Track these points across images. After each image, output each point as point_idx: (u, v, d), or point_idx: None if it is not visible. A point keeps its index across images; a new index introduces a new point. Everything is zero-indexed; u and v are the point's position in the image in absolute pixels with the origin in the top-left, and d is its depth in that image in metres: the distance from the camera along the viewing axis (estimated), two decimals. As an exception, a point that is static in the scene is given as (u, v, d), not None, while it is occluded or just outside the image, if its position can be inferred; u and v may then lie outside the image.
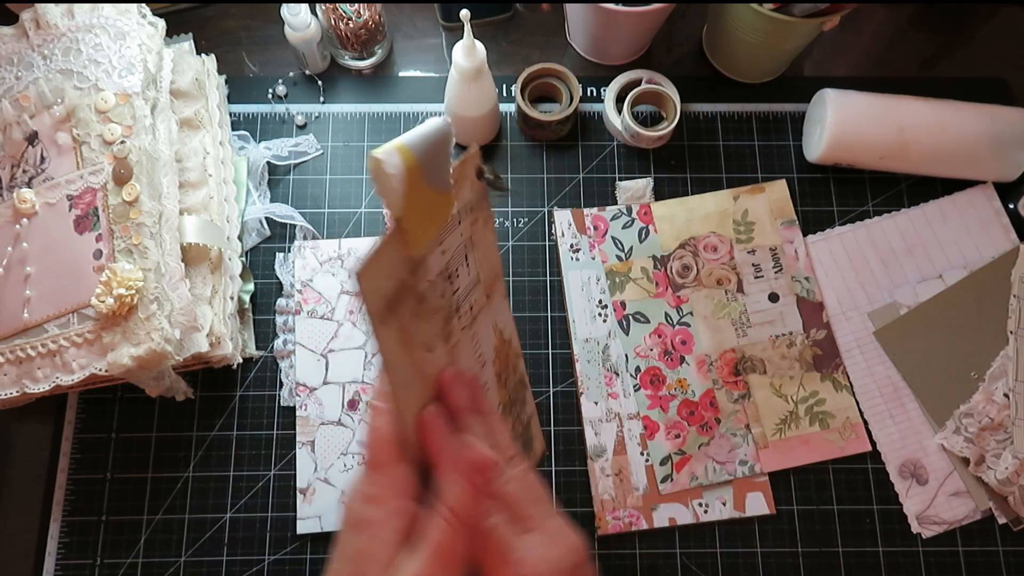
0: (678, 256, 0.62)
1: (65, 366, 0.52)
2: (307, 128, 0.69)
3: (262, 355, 0.63)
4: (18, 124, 0.56)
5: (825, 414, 0.60)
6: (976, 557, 0.60)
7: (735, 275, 0.62)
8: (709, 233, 0.63)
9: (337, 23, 0.66)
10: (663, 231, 0.63)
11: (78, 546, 0.59)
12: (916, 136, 0.64)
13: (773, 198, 0.64)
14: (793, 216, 0.64)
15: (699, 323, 0.61)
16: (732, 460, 0.58)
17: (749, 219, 0.63)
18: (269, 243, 0.66)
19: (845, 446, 0.60)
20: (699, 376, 0.60)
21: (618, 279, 0.62)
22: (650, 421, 0.59)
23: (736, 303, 0.61)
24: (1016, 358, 0.61)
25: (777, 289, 0.61)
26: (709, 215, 0.63)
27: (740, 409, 0.60)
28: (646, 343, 0.60)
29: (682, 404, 0.59)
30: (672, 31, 0.74)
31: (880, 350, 0.64)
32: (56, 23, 0.58)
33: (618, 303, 0.61)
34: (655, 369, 0.60)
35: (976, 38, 0.74)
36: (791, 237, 0.63)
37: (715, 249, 0.62)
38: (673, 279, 0.61)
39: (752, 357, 0.61)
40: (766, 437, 0.59)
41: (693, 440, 0.59)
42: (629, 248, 0.62)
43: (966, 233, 0.66)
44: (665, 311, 0.61)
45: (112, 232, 0.53)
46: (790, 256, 0.62)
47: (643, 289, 0.61)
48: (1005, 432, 0.60)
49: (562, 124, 0.67)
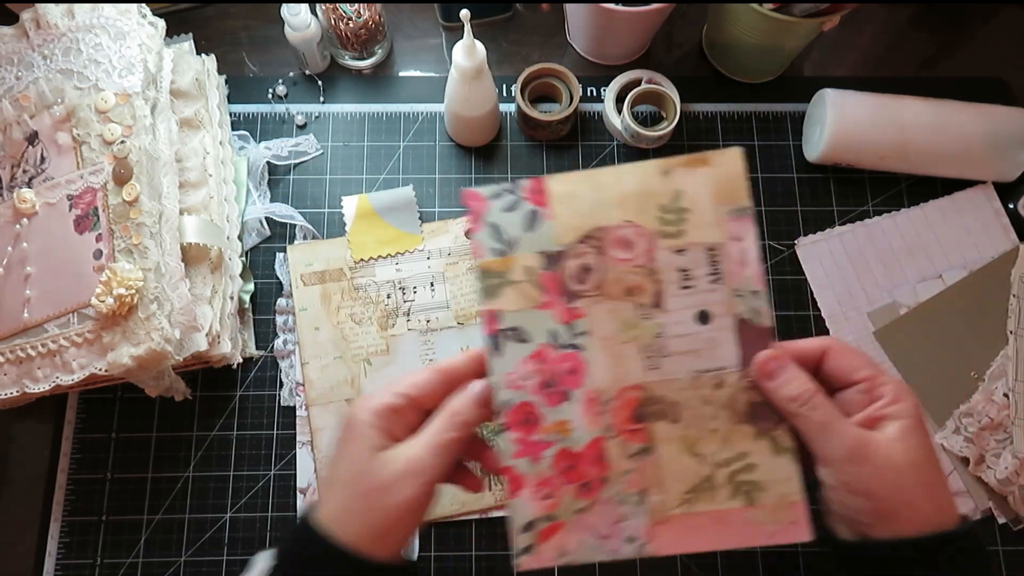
0: (577, 253, 0.44)
1: (65, 366, 0.52)
2: (307, 128, 0.69)
3: (262, 355, 0.63)
4: (18, 124, 0.56)
5: (753, 485, 0.43)
6: (976, 557, 0.60)
7: (653, 283, 0.43)
8: (624, 223, 0.44)
9: (337, 23, 0.66)
10: (560, 217, 0.44)
11: (78, 546, 0.59)
12: (916, 136, 0.64)
13: (720, 175, 0.44)
14: (746, 202, 0.44)
15: (595, 347, 0.44)
16: (616, 535, 0.43)
17: (682, 204, 0.44)
18: (269, 243, 0.66)
19: (775, 532, 0.42)
20: (587, 419, 0.43)
21: (493, 282, 0.44)
22: (514, 474, 0.43)
23: (650, 323, 0.43)
24: (1016, 358, 0.62)
25: (711, 306, 0.43)
26: (626, 197, 0.44)
27: (636, 468, 0.43)
28: (521, 369, 0.43)
29: (560, 455, 0.43)
30: (672, 31, 0.74)
31: (880, 350, 0.64)
32: (56, 23, 0.58)
33: (490, 313, 0.43)
34: (529, 406, 0.43)
35: (976, 38, 0.74)
36: (740, 232, 0.43)
37: (629, 245, 0.44)
38: (567, 285, 0.44)
39: (662, 399, 0.43)
40: (666, 509, 0.43)
41: (568, 504, 0.43)
42: (512, 239, 0.44)
43: (966, 233, 0.66)
44: (551, 328, 0.44)
45: (112, 232, 0.53)
46: (734, 260, 0.43)
47: (525, 296, 0.44)
48: (1005, 432, 0.60)
49: (562, 124, 0.67)
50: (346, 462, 0.40)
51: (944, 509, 0.39)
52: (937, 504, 0.39)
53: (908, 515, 0.38)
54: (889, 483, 0.38)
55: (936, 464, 0.39)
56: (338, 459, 0.41)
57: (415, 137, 0.69)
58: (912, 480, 0.38)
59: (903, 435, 0.39)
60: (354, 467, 0.40)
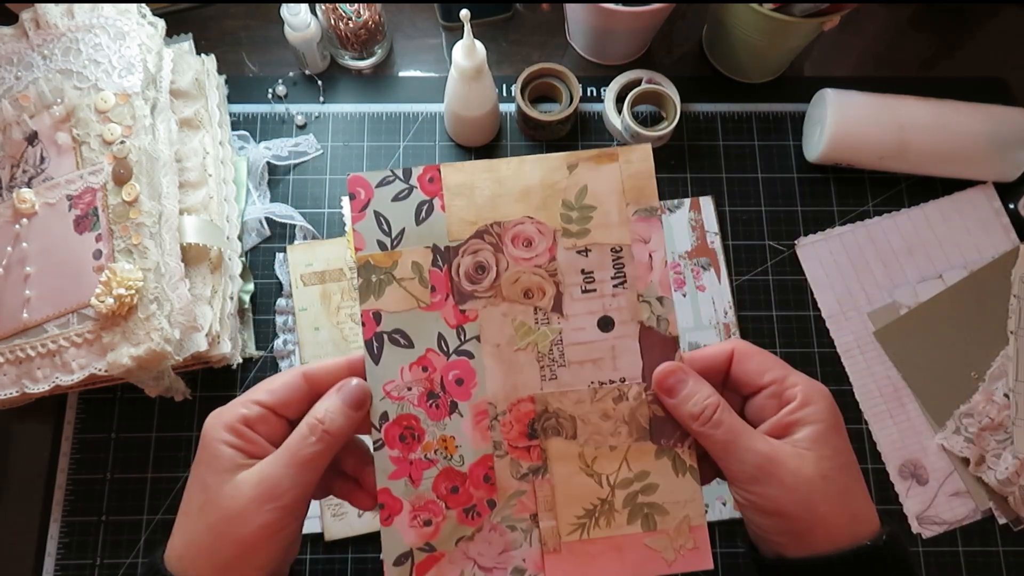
0: (472, 249, 0.41)
1: (65, 366, 0.52)
2: (307, 128, 0.69)
3: (262, 355, 0.63)
4: (18, 124, 0.56)
5: (654, 508, 0.40)
6: (976, 557, 0.60)
7: (553, 285, 0.40)
8: (524, 218, 0.41)
9: (337, 23, 0.66)
10: (455, 209, 0.41)
11: (78, 546, 0.59)
12: (916, 136, 0.64)
13: (629, 172, 0.41)
14: (655, 203, 0.41)
15: (487, 354, 0.40)
16: (503, 566, 0.39)
17: (587, 201, 0.41)
18: (269, 243, 0.66)
19: (675, 560, 0.39)
20: (475, 435, 0.40)
21: (375, 278, 0.40)
22: (390, 497, 0.39)
23: (548, 328, 0.40)
24: (1016, 358, 0.61)
25: (613, 312, 0.40)
26: (528, 190, 0.41)
27: (528, 489, 0.40)
28: (403, 378, 0.40)
29: (443, 475, 0.40)
30: (672, 31, 0.74)
31: (880, 350, 0.64)
32: (56, 23, 0.58)
33: (370, 314, 0.40)
34: (410, 419, 0.40)
35: (976, 38, 0.74)
36: (647, 234, 0.41)
37: (529, 243, 0.41)
38: (459, 284, 0.40)
39: (559, 412, 0.40)
40: (559, 535, 0.40)
41: (450, 531, 0.39)
42: (399, 231, 0.41)
43: (966, 233, 0.66)
44: (440, 332, 0.40)
45: (112, 232, 0.53)
46: (641, 263, 0.41)
47: (411, 296, 0.40)
48: (1005, 432, 0.60)
49: (562, 124, 0.67)
50: (196, 489, 0.36)
51: (860, 519, 0.36)
52: (852, 515, 0.36)
53: (822, 531, 0.36)
54: (799, 500, 0.35)
55: (852, 469, 0.37)
56: (190, 486, 0.36)
57: (415, 137, 0.69)
58: (824, 493, 0.35)
59: (814, 443, 0.36)
60: (204, 495, 0.35)
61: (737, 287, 0.66)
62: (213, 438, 0.36)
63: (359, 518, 0.58)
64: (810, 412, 0.36)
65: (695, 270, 0.66)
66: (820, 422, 0.36)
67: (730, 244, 0.67)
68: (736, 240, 0.67)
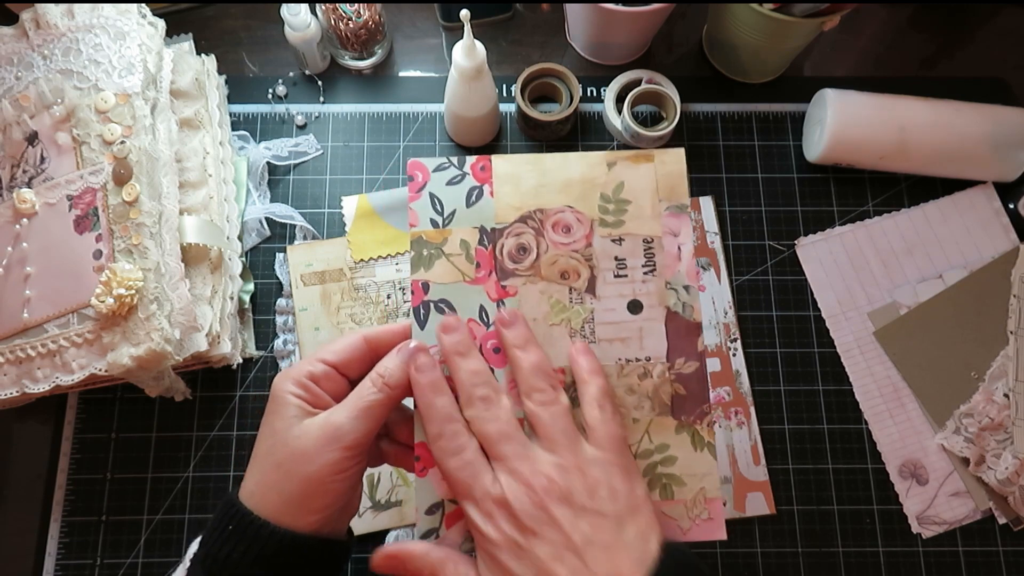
0: (515, 231, 0.44)
1: (65, 366, 0.52)
2: (307, 128, 0.69)
3: (262, 355, 0.63)
4: (18, 124, 0.56)
5: (672, 479, 0.42)
6: (976, 557, 0.60)
7: (588, 269, 0.44)
8: (565, 207, 0.45)
9: (337, 23, 0.66)
10: (502, 195, 0.45)
11: (78, 546, 0.59)
12: (916, 136, 0.64)
13: (663, 172, 0.45)
14: (686, 200, 0.45)
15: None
16: None
17: (623, 196, 0.45)
18: (269, 243, 0.66)
19: (691, 529, 0.42)
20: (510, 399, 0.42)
21: (426, 252, 0.44)
22: (426, 450, 0.41)
23: (581, 307, 0.44)
24: (1016, 358, 0.62)
25: (642, 296, 0.44)
26: (570, 183, 0.45)
27: None
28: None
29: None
30: (672, 31, 0.74)
31: (880, 350, 0.64)
32: (56, 23, 0.58)
33: (419, 284, 0.43)
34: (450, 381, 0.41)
35: (976, 38, 0.74)
36: (677, 228, 0.45)
37: (568, 230, 0.44)
38: (502, 262, 0.44)
39: None
40: None
41: None
42: (451, 212, 0.44)
43: (966, 233, 0.66)
44: (481, 304, 0.43)
45: (112, 232, 0.53)
46: (670, 254, 0.44)
47: (458, 270, 0.44)
48: (1005, 432, 0.60)
49: (562, 124, 0.67)
50: (266, 435, 0.39)
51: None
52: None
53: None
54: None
55: None
56: (261, 433, 0.40)
57: (415, 137, 0.69)
58: None
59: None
60: (273, 438, 0.39)
61: (737, 287, 0.66)
62: (282, 390, 0.39)
63: (359, 518, 0.58)
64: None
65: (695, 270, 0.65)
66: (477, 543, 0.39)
67: (730, 244, 0.67)
68: (736, 240, 0.67)
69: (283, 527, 0.37)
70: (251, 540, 0.37)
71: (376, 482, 0.59)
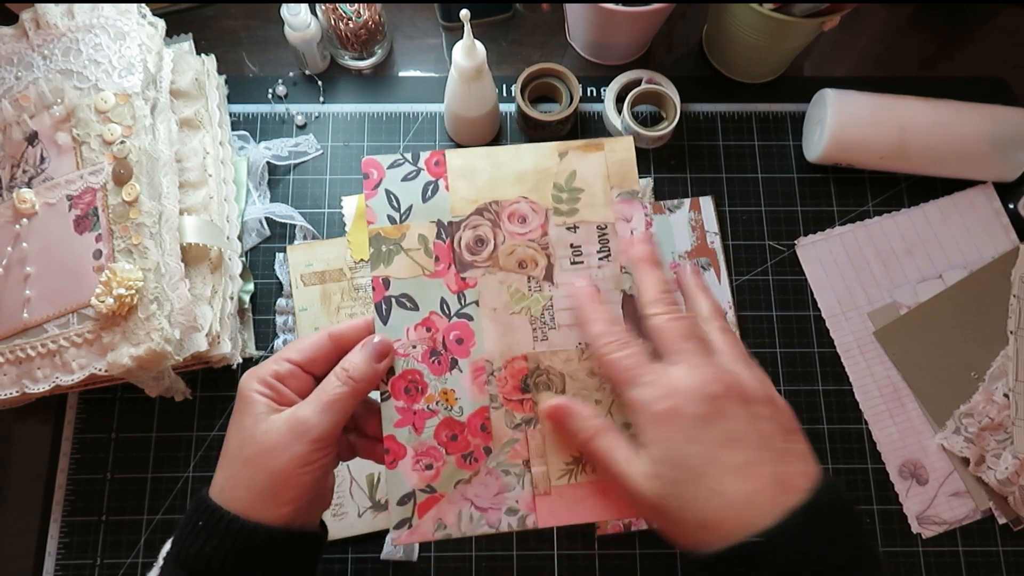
0: (472, 224, 0.46)
1: (65, 366, 0.52)
2: (307, 128, 0.69)
3: (262, 355, 0.63)
4: (18, 124, 0.56)
5: None
6: (976, 557, 0.60)
7: (545, 257, 0.45)
8: (520, 198, 0.46)
9: (337, 23, 0.66)
10: (457, 189, 0.46)
11: (78, 546, 0.59)
12: (916, 136, 0.64)
13: (614, 159, 0.46)
14: (636, 186, 0.46)
15: (485, 317, 0.45)
16: (498, 506, 0.43)
17: (576, 184, 0.46)
18: (269, 243, 0.66)
19: None
20: (473, 388, 0.44)
21: (385, 248, 0.45)
22: (395, 443, 0.43)
23: (540, 295, 0.45)
24: (1016, 358, 0.62)
25: (599, 281, 0.45)
26: (523, 174, 0.46)
27: (521, 438, 0.44)
28: (409, 337, 0.44)
29: (443, 424, 0.44)
30: (672, 31, 0.74)
31: (880, 350, 0.64)
32: (56, 23, 0.58)
33: (380, 280, 0.45)
34: (414, 373, 0.44)
35: (976, 38, 0.74)
36: (628, 213, 0.46)
37: (523, 220, 0.46)
38: (460, 255, 0.45)
39: (549, 369, 0.44)
40: (549, 480, 0.43)
41: (450, 475, 0.43)
42: (408, 207, 0.46)
43: (966, 233, 0.66)
44: (442, 296, 0.45)
45: (112, 232, 0.53)
46: (624, 239, 0.46)
47: (417, 264, 0.45)
48: (1005, 432, 0.60)
49: (562, 124, 0.67)
50: (234, 432, 0.40)
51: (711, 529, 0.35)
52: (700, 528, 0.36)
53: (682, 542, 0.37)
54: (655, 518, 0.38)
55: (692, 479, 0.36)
56: (229, 431, 0.41)
57: (415, 137, 0.69)
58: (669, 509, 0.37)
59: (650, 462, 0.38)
60: (241, 435, 0.40)
61: (737, 287, 0.66)
62: (248, 388, 0.40)
63: (359, 518, 0.58)
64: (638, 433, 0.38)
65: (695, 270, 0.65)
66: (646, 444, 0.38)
67: (730, 244, 0.67)
68: (736, 240, 0.67)
69: (253, 520, 0.38)
70: (222, 534, 0.38)
71: (376, 482, 0.59)
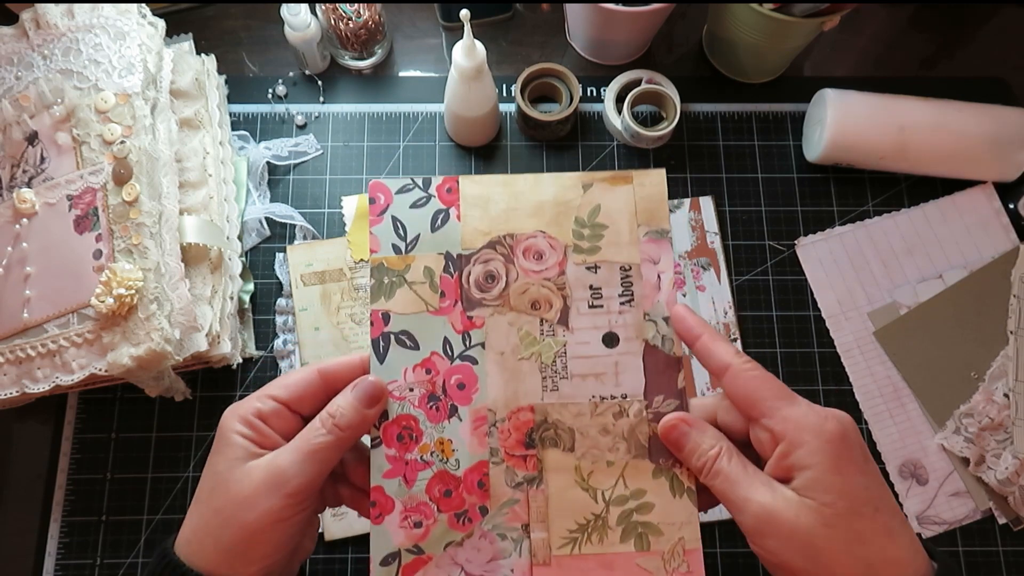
0: (483, 258, 0.42)
1: (65, 366, 0.52)
2: (307, 128, 0.69)
3: (262, 355, 0.63)
4: (18, 124, 0.56)
5: (649, 527, 0.39)
6: (976, 557, 0.60)
7: (561, 299, 0.41)
8: (537, 232, 0.42)
9: (337, 23, 0.66)
10: (470, 219, 0.42)
11: (78, 546, 0.59)
12: (916, 136, 0.64)
13: (642, 194, 0.42)
14: (666, 225, 0.42)
15: (491, 361, 0.41)
16: (491, 574, 0.39)
17: (599, 220, 0.42)
18: (269, 243, 0.66)
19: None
20: (472, 440, 0.40)
21: (387, 279, 0.41)
22: (383, 495, 0.39)
23: (553, 340, 0.41)
24: (1016, 358, 0.62)
25: (619, 329, 0.41)
26: (542, 206, 0.42)
27: (522, 499, 0.40)
28: (406, 379, 0.40)
29: (437, 477, 0.40)
30: (672, 31, 0.74)
31: (880, 350, 0.64)
32: (56, 23, 0.58)
33: (379, 314, 0.41)
34: (410, 419, 0.40)
35: (976, 38, 0.74)
36: (656, 255, 0.42)
37: (540, 256, 0.42)
38: (468, 291, 0.41)
39: (557, 424, 0.40)
40: (550, 548, 0.39)
41: (440, 534, 0.39)
42: (415, 237, 0.42)
43: (966, 233, 0.66)
44: (446, 336, 0.41)
45: (112, 232, 0.53)
46: (649, 283, 0.41)
47: (421, 299, 0.41)
48: (1005, 432, 0.60)
49: (562, 124, 0.67)
50: (208, 476, 0.37)
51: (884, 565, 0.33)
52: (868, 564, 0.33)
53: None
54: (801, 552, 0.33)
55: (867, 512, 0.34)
56: (203, 474, 0.37)
57: (415, 137, 0.69)
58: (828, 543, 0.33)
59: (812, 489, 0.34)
60: (214, 480, 0.36)
61: (737, 287, 0.66)
62: (228, 428, 0.37)
63: (359, 518, 0.58)
64: (801, 455, 0.34)
65: (695, 270, 0.66)
66: (814, 466, 0.34)
67: (730, 244, 0.67)
68: (736, 240, 0.67)
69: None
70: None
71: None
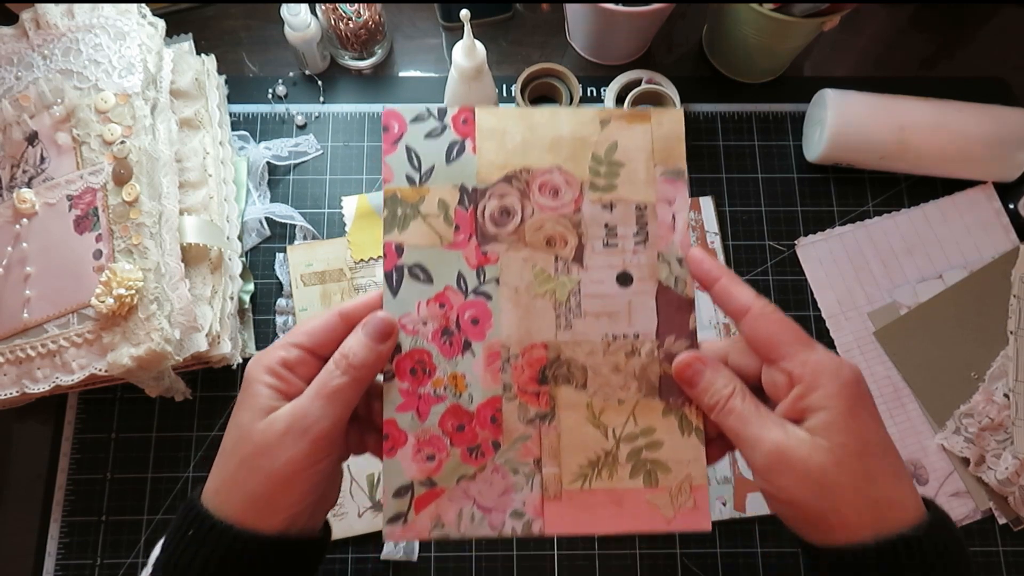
0: (499, 193, 0.41)
1: (65, 366, 0.52)
2: (307, 128, 0.69)
3: (262, 355, 0.63)
4: (18, 124, 0.56)
5: (657, 464, 0.40)
6: (976, 557, 0.60)
7: (576, 236, 0.41)
8: (553, 167, 0.41)
9: (337, 23, 0.66)
10: (486, 152, 0.41)
11: (78, 546, 0.59)
12: (916, 136, 0.64)
13: (660, 133, 0.41)
14: (682, 166, 0.41)
15: (505, 297, 0.40)
16: (502, 508, 0.39)
17: (616, 157, 0.41)
18: (269, 243, 0.66)
19: (674, 517, 0.39)
20: (486, 375, 0.40)
21: (401, 211, 0.40)
22: (396, 429, 0.39)
23: (567, 278, 0.41)
24: (1016, 358, 0.62)
25: (632, 268, 0.41)
26: (559, 141, 0.41)
27: (534, 434, 0.40)
28: (419, 312, 0.40)
29: (450, 412, 0.40)
30: (672, 31, 0.74)
31: (880, 350, 0.64)
32: (56, 23, 0.58)
33: (392, 246, 0.40)
34: (423, 353, 0.40)
35: (976, 38, 0.74)
36: (672, 195, 0.41)
37: (556, 192, 0.41)
38: (483, 226, 0.40)
39: (570, 361, 0.40)
40: (561, 483, 0.39)
41: (453, 468, 0.39)
42: (429, 168, 0.41)
43: (966, 233, 0.66)
44: (460, 271, 0.40)
45: (112, 232, 0.53)
46: (664, 223, 0.41)
47: (435, 232, 0.40)
48: (1005, 432, 0.60)
49: (562, 124, 0.67)
50: (232, 428, 0.37)
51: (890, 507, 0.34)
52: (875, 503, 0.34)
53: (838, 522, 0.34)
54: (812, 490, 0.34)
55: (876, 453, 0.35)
56: (228, 427, 0.37)
57: (415, 137, 0.69)
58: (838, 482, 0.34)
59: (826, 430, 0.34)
60: (238, 431, 0.36)
61: (737, 287, 0.66)
62: (254, 379, 0.37)
63: (359, 518, 0.58)
64: (818, 398, 0.35)
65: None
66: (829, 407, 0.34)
67: (730, 244, 0.67)
68: (736, 240, 0.67)
69: (247, 529, 0.35)
70: (212, 546, 0.35)
71: (376, 482, 0.59)
